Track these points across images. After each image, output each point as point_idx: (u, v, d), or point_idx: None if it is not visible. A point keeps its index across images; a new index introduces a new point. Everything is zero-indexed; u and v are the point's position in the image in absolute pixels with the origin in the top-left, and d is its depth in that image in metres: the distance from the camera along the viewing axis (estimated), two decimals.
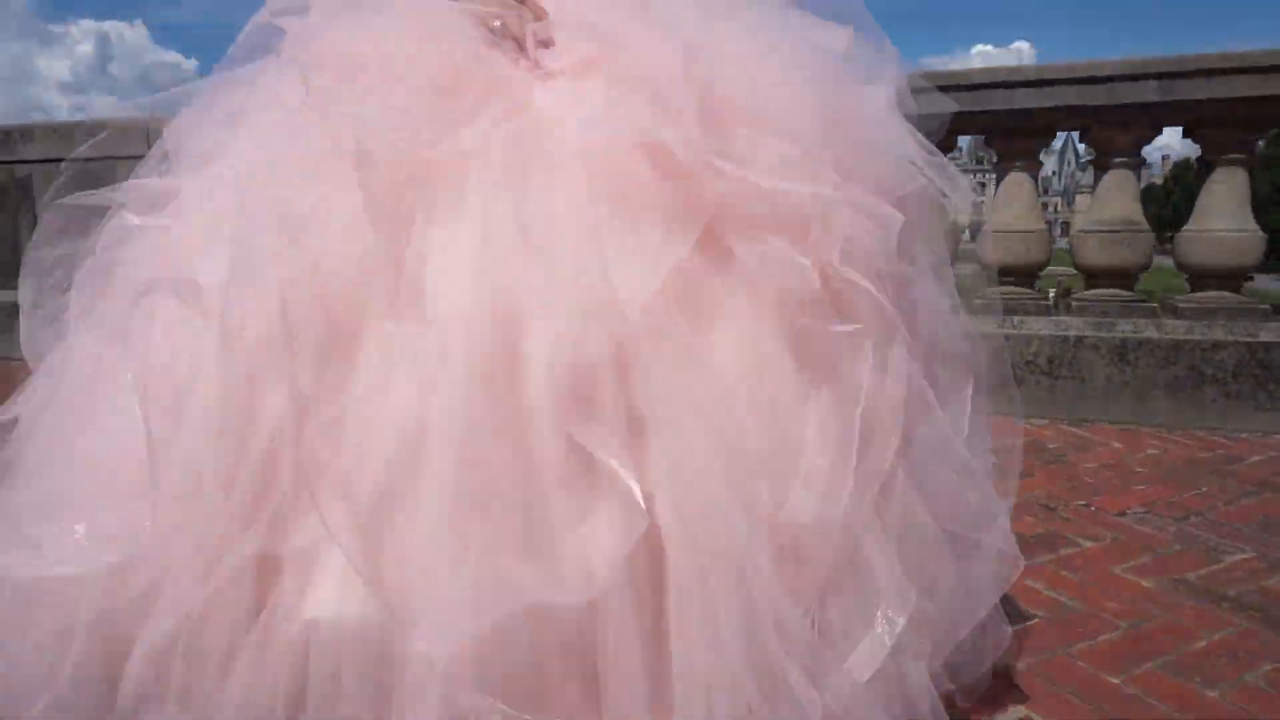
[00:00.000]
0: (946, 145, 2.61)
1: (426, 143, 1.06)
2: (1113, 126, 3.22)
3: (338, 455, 0.97)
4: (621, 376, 0.98)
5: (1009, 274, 3.38)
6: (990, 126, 3.35)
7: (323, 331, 1.02)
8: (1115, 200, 3.27)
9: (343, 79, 1.12)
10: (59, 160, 4.74)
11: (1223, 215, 3.15)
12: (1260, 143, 3.23)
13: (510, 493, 0.95)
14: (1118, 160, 3.27)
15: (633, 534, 0.93)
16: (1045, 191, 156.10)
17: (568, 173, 1.05)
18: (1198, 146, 3.25)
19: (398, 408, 0.97)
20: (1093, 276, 3.34)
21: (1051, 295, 3.68)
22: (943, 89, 3.43)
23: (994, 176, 3.55)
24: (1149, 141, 3.26)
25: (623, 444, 0.96)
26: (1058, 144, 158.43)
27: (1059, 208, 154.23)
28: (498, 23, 1.17)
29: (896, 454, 1.10)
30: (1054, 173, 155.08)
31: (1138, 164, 3.30)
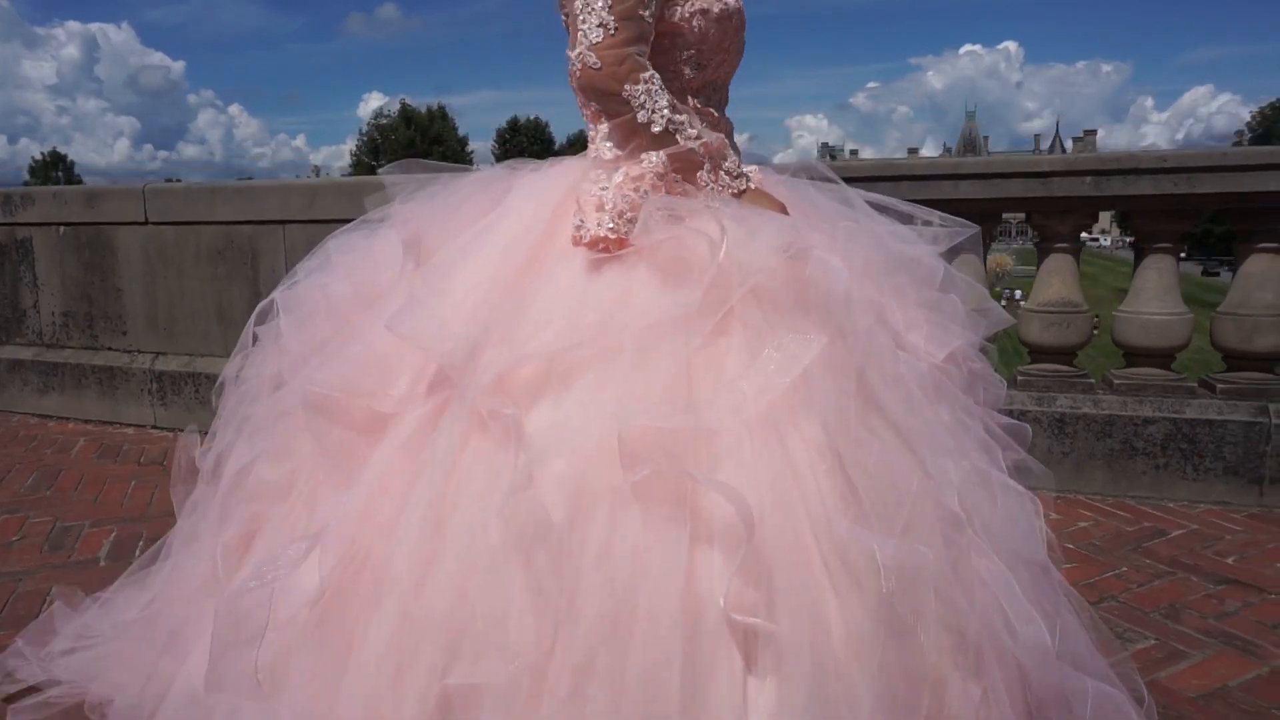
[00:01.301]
0: None
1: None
2: (1053, 216, 3.46)
3: None
4: None
5: None
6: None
7: None
8: (1056, 283, 3.51)
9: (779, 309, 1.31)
10: (57, 224, 4.93)
11: (1153, 300, 3.39)
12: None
13: None
14: (1059, 246, 3.51)
15: None
16: None
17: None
18: (1184, 146, 3.44)
19: None
20: (1035, 352, 3.58)
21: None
22: (893, 178, 3.70)
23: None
24: (1087, 229, 3.50)
25: None
26: (1045, 144, 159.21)
27: None
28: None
29: None
30: None
31: (1077, 249, 3.53)
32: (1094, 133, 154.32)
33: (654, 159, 1.43)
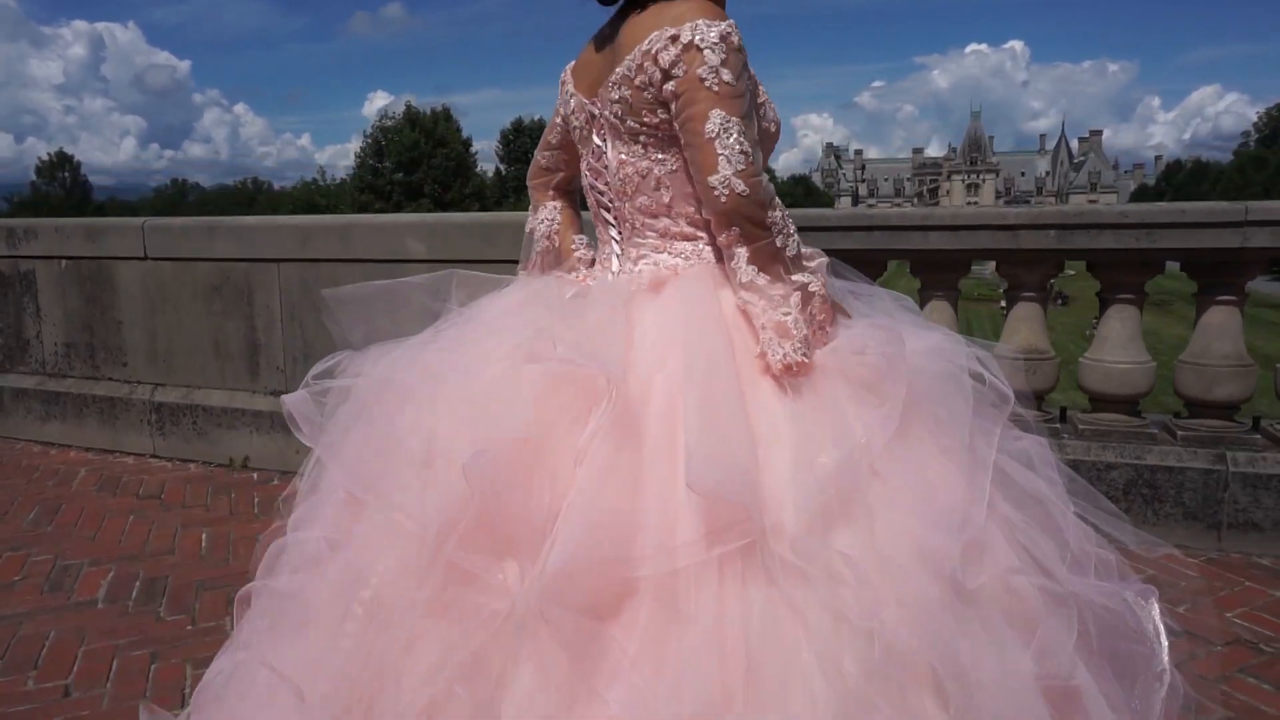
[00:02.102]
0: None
1: None
2: (1020, 265, 3.57)
3: None
4: None
5: None
6: (911, 259, 3.70)
7: None
8: (1024, 330, 3.61)
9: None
10: (60, 258, 5.07)
11: (1116, 349, 3.50)
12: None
13: None
14: (1025, 295, 3.61)
15: None
16: (1039, 191, 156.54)
17: None
18: (1190, 146, 3.55)
19: None
20: None
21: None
22: (867, 228, 3.80)
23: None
24: (1054, 278, 3.61)
25: None
26: (1050, 143, 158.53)
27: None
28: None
29: None
30: (1047, 173, 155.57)
31: (1044, 299, 3.64)
32: (1099, 133, 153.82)
33: (816, 282, 1.47)
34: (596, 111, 1.60)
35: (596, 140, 1.63)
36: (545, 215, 1.84)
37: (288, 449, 4.51)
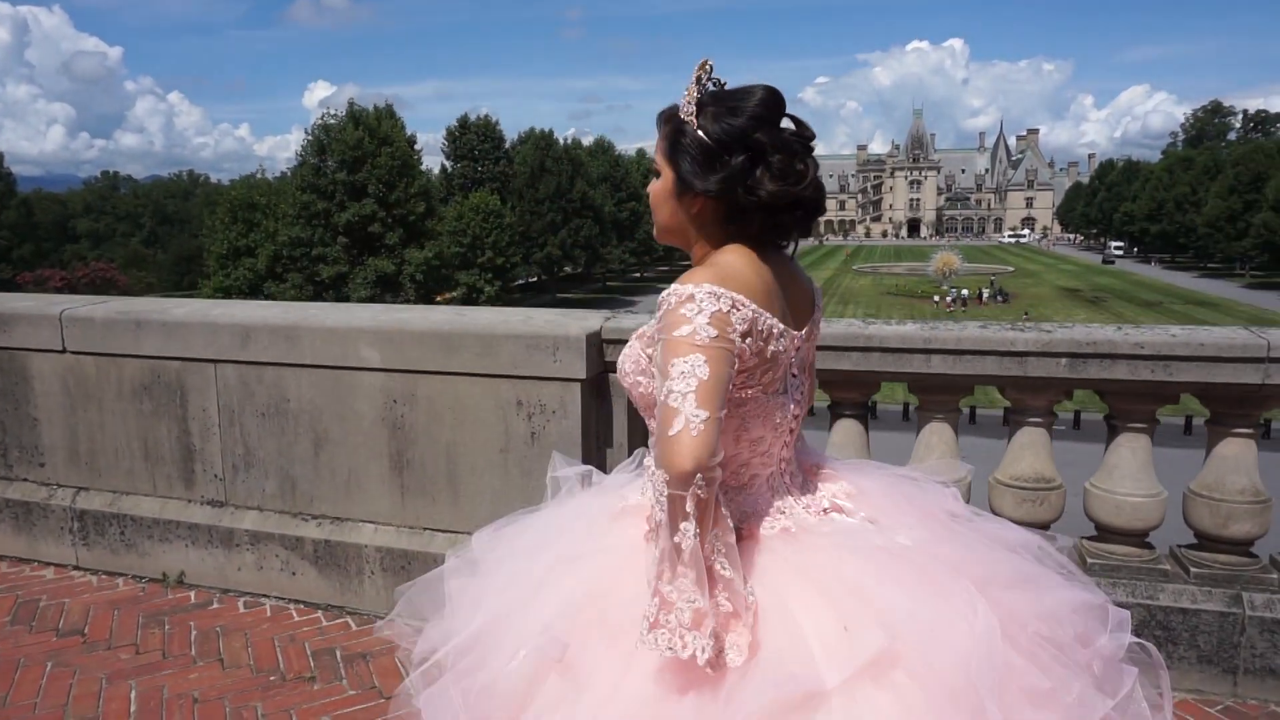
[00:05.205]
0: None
1: None
2: (1025, 390, 3.36)
3: None
4: None
5: None
6: (911, 381, 3.46)
7: None
8: (1029, 457, 3.40)
9: None
10: (48, 351, 4.47)
11: (1126, 479, 3.30)
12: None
13: None
14: (1031, 420, 3.40)
15: None
16: (979, 188, 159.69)
17: None
18: (1121, 144, 3.36)
19: None
20: None
21: (986, 294, 3.75)
22: (863, 349, 3.52)
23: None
24: (1060, 402, 3.40)
25: None
26: (990, 140, 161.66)
27: (991, 204, 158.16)
28: None
29: None
30: (987, 170, 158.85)
31: (1051, 423, 3.43)
32: (1036, 132, 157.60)
33: None
34: (801, 347, 1.68)
35: (794, 375, 1.68)
36: None
37: (227, 565, 4.11)
